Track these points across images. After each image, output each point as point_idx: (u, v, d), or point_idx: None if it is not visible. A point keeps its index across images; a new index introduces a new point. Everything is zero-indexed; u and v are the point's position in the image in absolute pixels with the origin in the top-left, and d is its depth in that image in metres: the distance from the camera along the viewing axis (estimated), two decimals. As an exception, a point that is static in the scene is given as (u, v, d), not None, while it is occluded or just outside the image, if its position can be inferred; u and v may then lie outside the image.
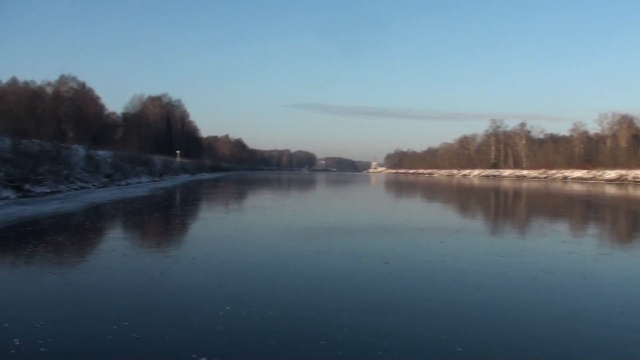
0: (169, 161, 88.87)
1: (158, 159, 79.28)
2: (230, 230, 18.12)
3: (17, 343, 6.40)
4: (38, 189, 32.22)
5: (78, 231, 17.42)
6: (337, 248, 14.23)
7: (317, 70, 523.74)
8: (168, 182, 61.21)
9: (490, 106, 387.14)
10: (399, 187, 71.03)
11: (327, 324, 7.51)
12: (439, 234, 17.74)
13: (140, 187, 46.64)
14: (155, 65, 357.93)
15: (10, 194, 28.93)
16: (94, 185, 41.98)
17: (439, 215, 28.07)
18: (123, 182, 48.79)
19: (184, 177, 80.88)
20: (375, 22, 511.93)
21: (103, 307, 8.12)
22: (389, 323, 7.56)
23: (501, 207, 36.07)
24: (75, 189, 38.11)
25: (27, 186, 31.19)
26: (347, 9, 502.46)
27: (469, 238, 17.77)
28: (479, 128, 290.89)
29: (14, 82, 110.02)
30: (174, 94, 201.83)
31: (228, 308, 8.05)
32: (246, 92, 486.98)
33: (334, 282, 10.29)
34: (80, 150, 48.94)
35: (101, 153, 58.73)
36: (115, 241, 15.34)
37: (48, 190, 33.34)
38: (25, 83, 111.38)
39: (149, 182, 57.01)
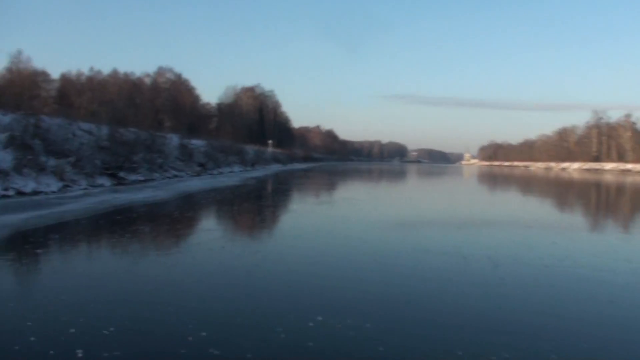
0: (261, 151, 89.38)
1: (250, 149, 79.74)
2: (320, 224, 17.03)
3: (80, 355, 5.53)
4: (132, 177, 32.44)
5: (166, 221, 16.83)
6: (436, 246, 12.87)
7: (410, 61, 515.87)
8: (259, 171, 61.23)
9: (591, 97, 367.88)
10: (494, 179, 68.03)
11: (444, 342, 6.22)
12: (548, 232, 16.05)
13: (232, 176, 46.59)
14: (249, 57, 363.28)
15: (105, 181, 29.17)
16: (187, 174, 42.19)
17: (544, 211, 25.92)
18: (215, 171, 48.96)
19: (275, 167, 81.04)
20: (466, 9, 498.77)
21: (181, 312, 7.14)
22: (523, 346, 6.17)
23: (612, 203, 33.23)
24: (168, 177, 38.33)
25: (121, 174, 31.43)
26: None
27: (584, 238, 15.96)
28: (578, 120, 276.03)
29: (115, 73, 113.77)
30: (266, 85, 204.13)
31: (320, 318, 6.90)
32: (339, 83, 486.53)
33: (439, 289, 8.90)
34: (174, 139, 49.48)
35: (195, 142, 59.42)
36: (202, 234, 14.61)
37: (142, 178, 33.55)
38: (125, 74, 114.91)
39: (240, 171, 57.14)
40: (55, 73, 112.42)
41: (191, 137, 69.35)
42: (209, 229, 15.61)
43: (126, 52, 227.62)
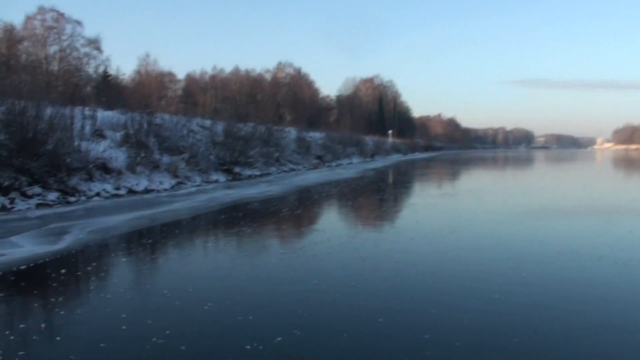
0: (381, 141, 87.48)
1: (370, 140, 78.10)
2: (443, 220, 14.90)
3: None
4: (248, 172, 31.65)
5: (271, 220, 15.36)
6: (588, 249, 10.54)
7: (535, 43, 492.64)
8: (379, 162, 59.38)
9: None
10: (635, 165, 62.21)
11: None
12: None
13: (350, 168, 45.10)
14: (368, 48, 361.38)
15: (220, 177, 28.50)
16: (304, 167, 41.15)
17: None
18: (334, 163, 47.70)
19: (395, 157, 78.83)
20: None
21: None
22: None
23: None
24: (285, 171, 37.41)
25: (237, 169, 30.69)
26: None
27: None
28: None
29: (236, 70, 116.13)
30: (385, 75, 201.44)
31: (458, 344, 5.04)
32: (460, 70, 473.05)
33: (614, 314, 6.75)
34: (291, 133, 48.72)
35: (313, 135, 58.59)
36: (308, 234, 13.10)
37: (258, 173, 32.74)
38: (247, 71, 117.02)
39: (359, 162, 55.59)
40: (181, 74, 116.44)
41: (310, 129, 68.88)
42: (316, 229, 14.00)
43: (247, 49, 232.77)
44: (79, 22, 63.73)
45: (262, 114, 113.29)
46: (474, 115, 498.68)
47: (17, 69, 59.95)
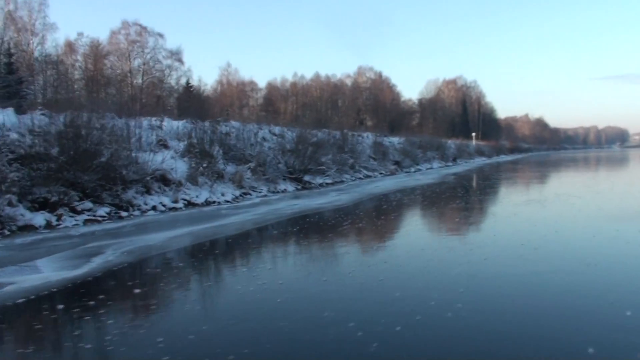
0: (464, 144, 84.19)
1: (452, 143, 75.16)
2: (526, 234, 12.73)
3: None
4: (319, 180, 30.14)
5: (328, 235, 13.70)
6: None
7: (626, 36, 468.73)
8: (461, 166, 56.62)
9: None
10: None
11: None
12: None
13: (429, 173, 42.84)
14: (451, 49, 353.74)
15: (288, 186, 27.14)
16: (381, 174, 39.29)
17: None
18: (412, 169, 45.55)
19: (479, 161, 75.48)
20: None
21: None
22: None
23: None
24: (360, 178, 35.71)
25: (307, 177, 29.24)
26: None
27: None
28: None
29: (316, 77, 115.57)
30: (469, 76, 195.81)
31: None
32: (548, 67, 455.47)
33: None
34: (368, 138, 46.99)
35: (391, 139, 56.69)
36: (365, 253, 11.37)
37: (330, 181, 31.19)
38: (327, 77, 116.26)
39: (440, 167, 53.11)
40: (262, 82, 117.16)
41: (392, 134, 66.81)
42: (381, 246, 12.21)
43: (328, 55, 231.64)
44: (160, 35, 64.66)
45: (343, 120, 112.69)
46: (563, 114, 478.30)
47: (104, 83, 61.44)
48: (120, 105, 34.56)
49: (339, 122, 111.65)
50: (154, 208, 18.38)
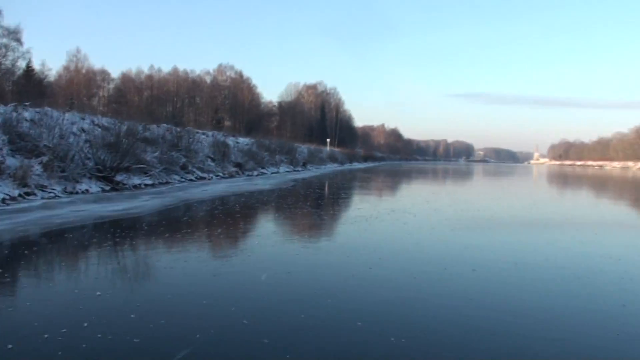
0: (318, 150, 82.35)
1: (305, 148, 72.93)
2: (332, 267, 9.72)
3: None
4: (136, 180, 25.88)
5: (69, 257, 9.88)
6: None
7: (478, 59, 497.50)
8: (309, 172, 54.05)
9: None
10: (574, 180, 58.52)
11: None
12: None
13: (272, 177, 39.67)
14: (310, 55, 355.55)
15: (93, 186, 22.65)
16: (218, 176, 35.51)
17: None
18: (256, 172, 42.16)
19: (331, 167, 73.69)
20: (534, 9, 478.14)
21: None
22: None
23: None
24: (191, 179, 31.73)
25: (120, 177, 24.90)
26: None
27: None
28: None
29: (174, 71, 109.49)
30: (329, 83, 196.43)
31: None
32: (405, 81, 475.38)
33: None
34: (210, 136, 43.13)
35: (241, 140, 53.25)
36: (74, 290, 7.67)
37: (150, 182, 26.99)
38: (185, 72, 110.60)
39: (287, 171, 50.14)
40: (115, 72, 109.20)
41: (250, 135, 62.97)
42: (112, 279, 8.51)
43: (187, 51, 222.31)
44: (-2, 10, 56.53)
45: (199, 118, 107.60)
46: (417, 126, 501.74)
47: None
48: None
49: (196, 120, 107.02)
50: None
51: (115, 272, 9.20)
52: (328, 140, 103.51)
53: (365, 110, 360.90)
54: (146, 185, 26.26)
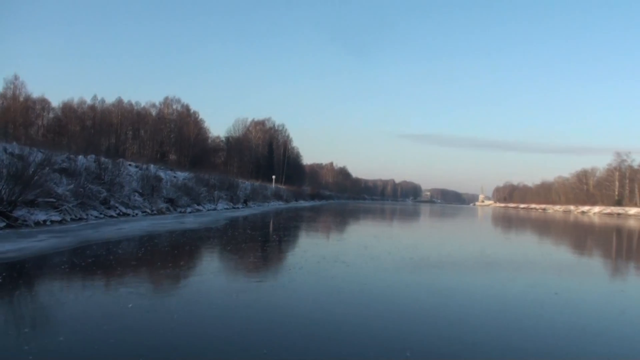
0: (263, 187, 79.45)
1: (248, 184, 70.01)
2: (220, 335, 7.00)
3: None
4: (41, 216, 22.54)
5: None
6: None
7: (427, 101, 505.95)
8: (249, 210, 50.95)
9: (614, 141, 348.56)
10: (514, 223, 57.14)
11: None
12: None
13: (205, 215, 36.55)
14: (259, 91, 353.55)
15: (-19, 222, 19.31)
16: (145, 212, 32.22)
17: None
18: (189, 209, 38.97)
19: (275, 205, 70.74)
20: (480, 50, 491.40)
21: None
22: None
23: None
24: (112, 216, 28.46)
25: (20, 212, 21.57)
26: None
27: None
28: (599, 163, 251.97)
29: (119, 102, 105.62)
30: (278, 120, 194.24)
31: None
32: (356, 121, 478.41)
33: None
34: (141, 169, 39.87)
35: (179, 174, 50.07)
36: None
37: (58, 218, 23.65)
38: (130, 104, 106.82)
39: (226, 208, 47.01)
40: (56, 101, 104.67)
41: (194, 170, 59.28)
42: None
43: (131, 84, 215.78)
44: None
45: (144, 151, 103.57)
46: (365, 165, 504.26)
47: None
48: None
49: (140, 152, 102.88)
50: None
51: None
52: (274, 177, 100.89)
53: (314, 148, 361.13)
54: (53, 222, 22.92)
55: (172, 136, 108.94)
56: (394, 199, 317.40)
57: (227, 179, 56.04)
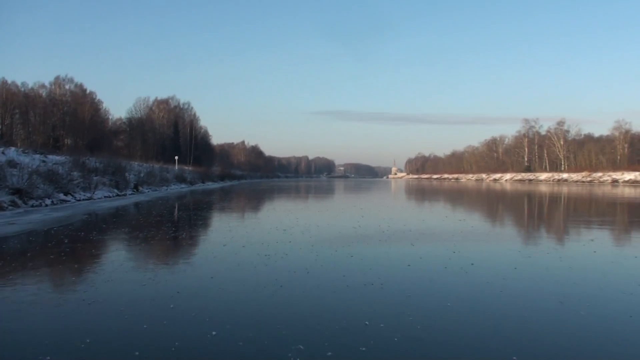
0: (163, 169, 69.54)
1: (145, 167, 60.19)
2: None
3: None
4: None
5: None
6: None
7: (337, 77, 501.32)
8: (140, 196, 41.58)
9: (524, 110, 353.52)
10: (428, 193, 50.83)
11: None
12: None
13: (65, 209, 27.18)
14: (163, 70, 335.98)
15: None
16: (-27, 209, 22.72)
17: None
18: (48, 201, 29.45)
19: (176, 188, 61.22)
20: (387, 24, 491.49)
21: None
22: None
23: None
24: None
25: None
26: (358, 12, 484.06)
27: None
28: (508, 132, 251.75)
29: (3, 83, 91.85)
30: (182, 97, 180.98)
31: None
32: (266, 99, 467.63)
33: None
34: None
35: (50, 158, 40.07)
36: None
37: None
38: (16, 85, 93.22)
39: (106, 197, 37.44)
40: None
41: (93, 155, 48.44)
42: None
43: (17, 61, 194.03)
44: None
45: (34, 137, 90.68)
46: (278, 143, 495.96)
47: None
48: None
49: (29, 138, 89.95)
50: None
51: None
52: (177, 158, 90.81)
53: (226, 128, 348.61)
54: None
55: (67, 119, 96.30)
56: (309, 175, 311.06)
57: (112, 162, 46.14)
